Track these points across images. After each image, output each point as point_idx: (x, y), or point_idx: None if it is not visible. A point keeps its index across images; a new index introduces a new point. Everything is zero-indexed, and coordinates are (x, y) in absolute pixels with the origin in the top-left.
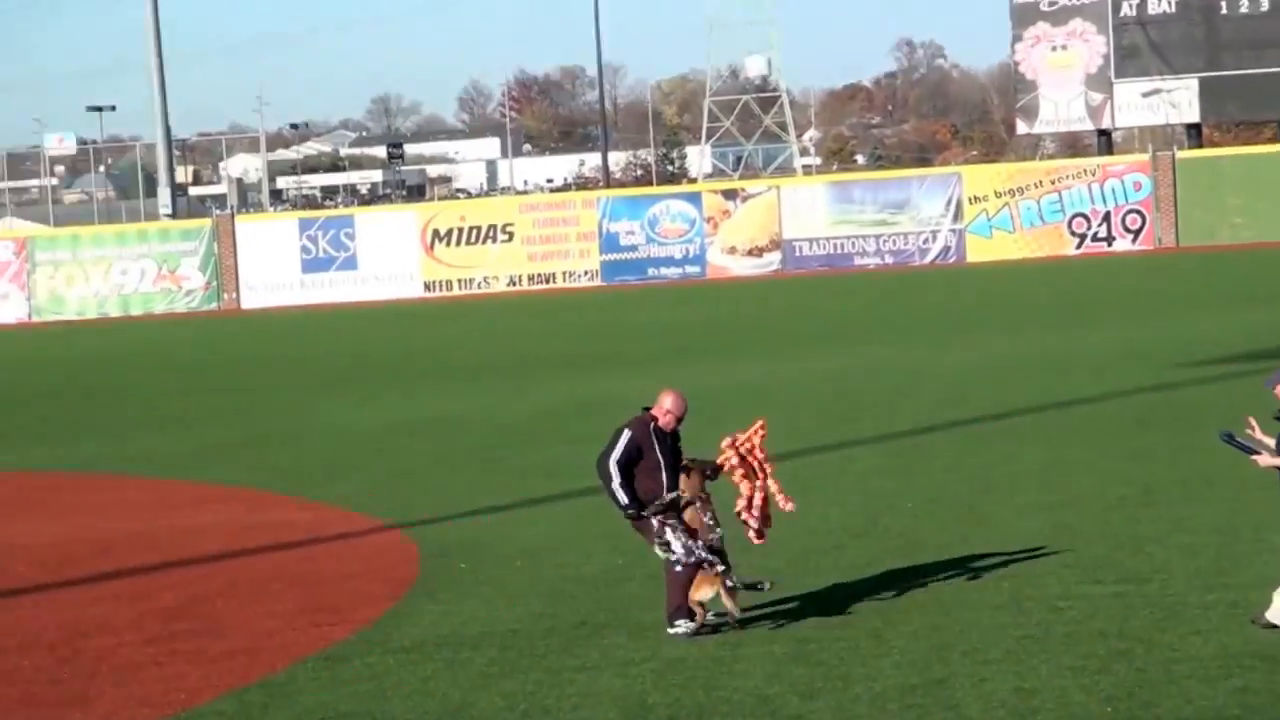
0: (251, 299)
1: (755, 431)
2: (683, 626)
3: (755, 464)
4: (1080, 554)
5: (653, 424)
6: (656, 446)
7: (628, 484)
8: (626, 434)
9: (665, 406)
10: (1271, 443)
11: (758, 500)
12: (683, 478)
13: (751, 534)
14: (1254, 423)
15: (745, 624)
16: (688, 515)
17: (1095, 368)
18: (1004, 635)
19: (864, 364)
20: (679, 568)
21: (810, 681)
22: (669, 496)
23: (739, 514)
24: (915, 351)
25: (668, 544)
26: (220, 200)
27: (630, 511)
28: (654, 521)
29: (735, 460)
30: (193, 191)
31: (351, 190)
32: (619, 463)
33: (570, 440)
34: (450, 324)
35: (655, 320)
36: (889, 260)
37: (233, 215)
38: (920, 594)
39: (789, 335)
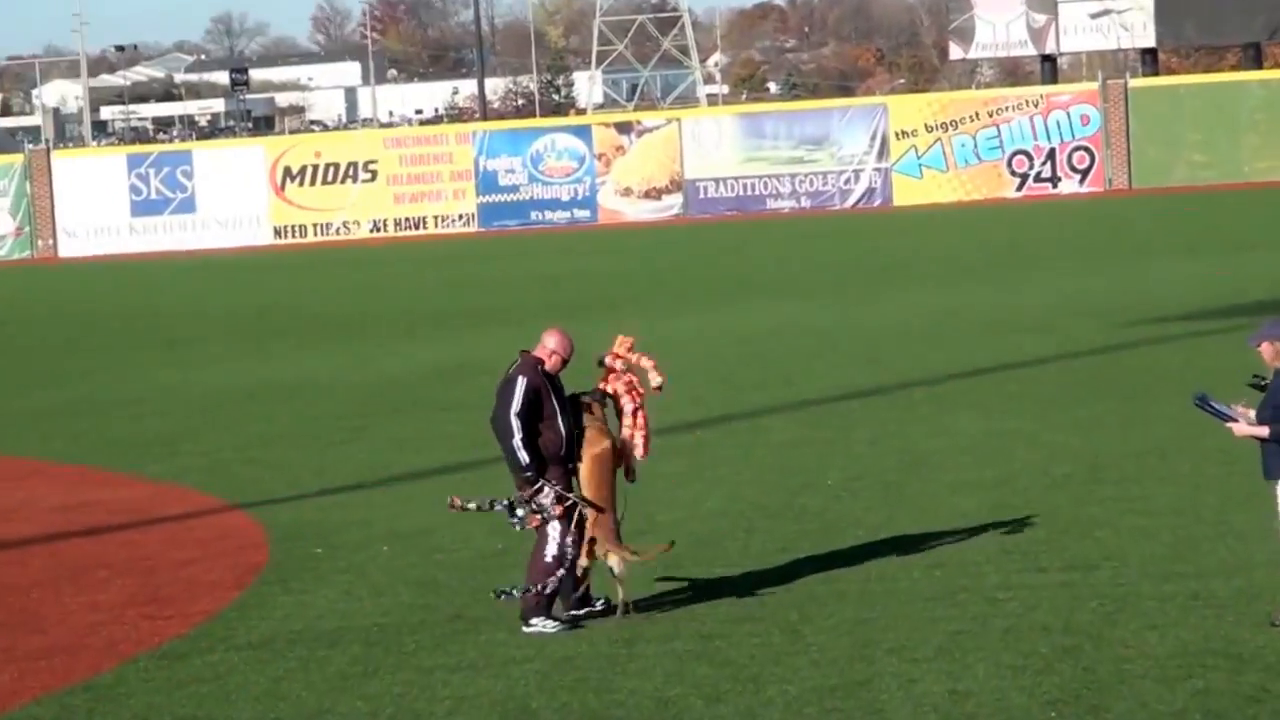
0: (71, 247)
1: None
2: (538, 625)
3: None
4: (1021, 538)
5: (540, 367)
6: (550, 392)
7: (530, 441)
8: (522, 381)
9: (550, 347)
10: (1250, 411)
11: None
12: (586, 416)
13: (639, 450)
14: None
15: (628, 610)
16: (592, 519)
17: (1037, 326)
18: (935, 630)
19: (777, 322)
20: (548, 556)
21: (716, 683)
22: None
23: (629, 432)
24: (835, 308)
25: (545, 513)
26: (34, 133)
27: (529, 475)
28: (548, 492)
29: (622, 387)
30: (1, 123)
31: (189, 122)
32: (520, 415)
33: (443, 407)
34: (305, 275)
35: (539, 271)
36: (805, 203)
37: (48, 150)
38: (841, 583)
39: (692, 289)
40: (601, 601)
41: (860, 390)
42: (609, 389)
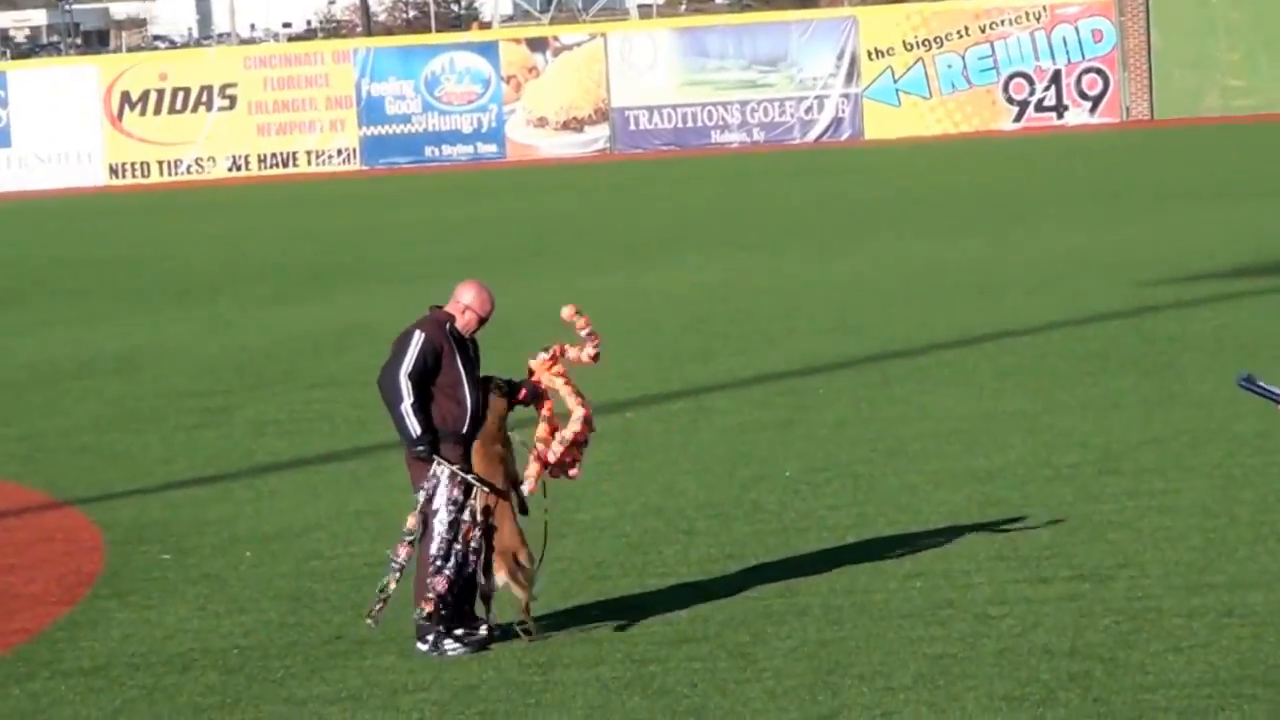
0: None
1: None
2: (439, 645)
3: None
4: (1019, 542)
5: (449, 325)
6: (457, 355)
7: (421, 406)
8: (418, 337)
9: (464, 302)
10: None
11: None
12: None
13: (576, 469)
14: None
15: (537, 631)
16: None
17: (1039, 285)
18: (915, 653)
19: (724, 279)
20: (433, 552)
21: (650, 717)
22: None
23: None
24: (795, 262)
25: (431, 502)
26: None
27: (421, 450)
28: (441, 469)
29: (560, 384)
30: None
31: (2, 38)
32: (410, 376)
33: (318, 383)
34: (147, 224)
35: (435, 219)
36: (759, 137)
37: None
38: (802, 597)
39: (621, 240)
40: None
41: (825, 363)
42: (540, 383)
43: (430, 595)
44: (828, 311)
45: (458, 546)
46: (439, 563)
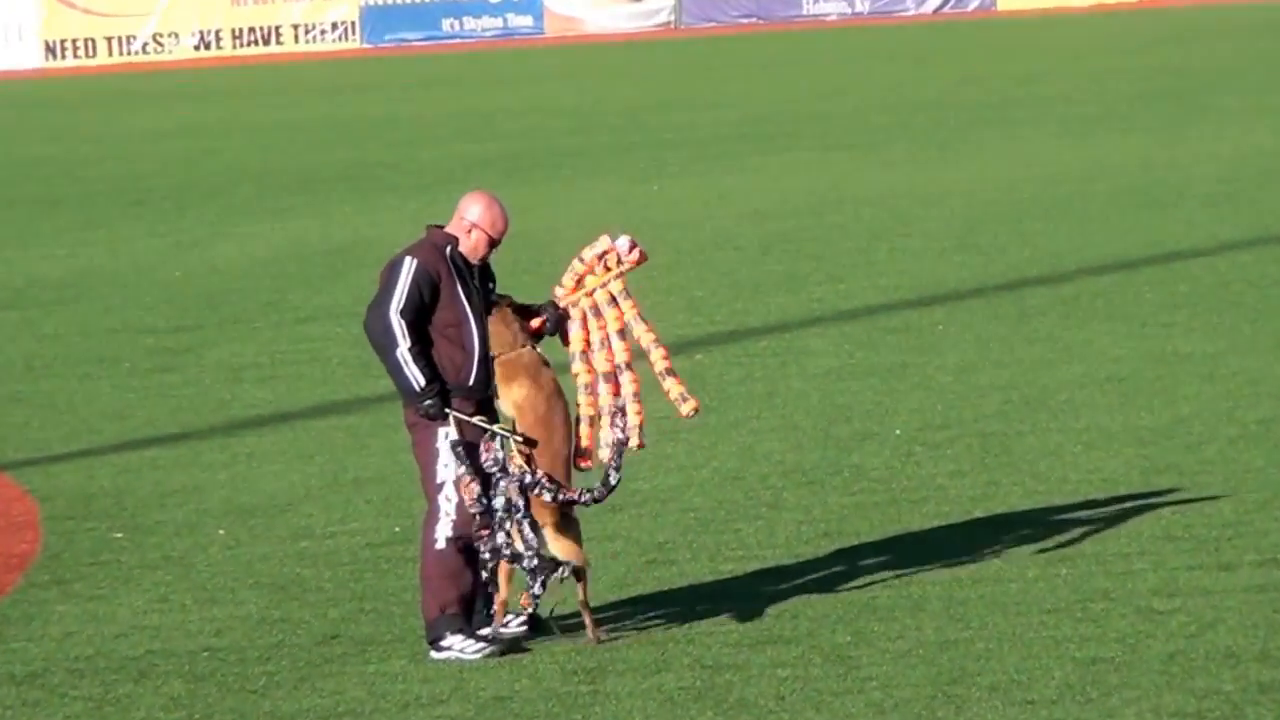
0: None
1: (616, 258)
2: (457, 646)
3: (618, 321)
4: (1193, 518)
5: (450, 249)
6: (459, 286)
7: (420, 350)
8: (410, 265)
9: (469, 219)
10: None
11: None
12: (491, 323)
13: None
14: None
15: (592, 631)
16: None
17: (1218, 195)
18: (1060, 658)
19: (818, 188)
20: (441, 541)
21: None
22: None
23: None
24: (906, 167)
25: (442, 481)
26: None
27: (429, 405)
28: (447, 430)
29: (588, 306)
30: None
31: None
32: (403, 314)
33: (308, 316)
34: (93, 117)
35: (455, 112)
36: (862, 7)
37: None
38: (916, 586)
39: (688, 139)
40: (519, 619)
41: (945, 291)
42: (566, 307)
43: (443, 593)
44: (948, 227)
45: (491, 531)
46: (444, 551)
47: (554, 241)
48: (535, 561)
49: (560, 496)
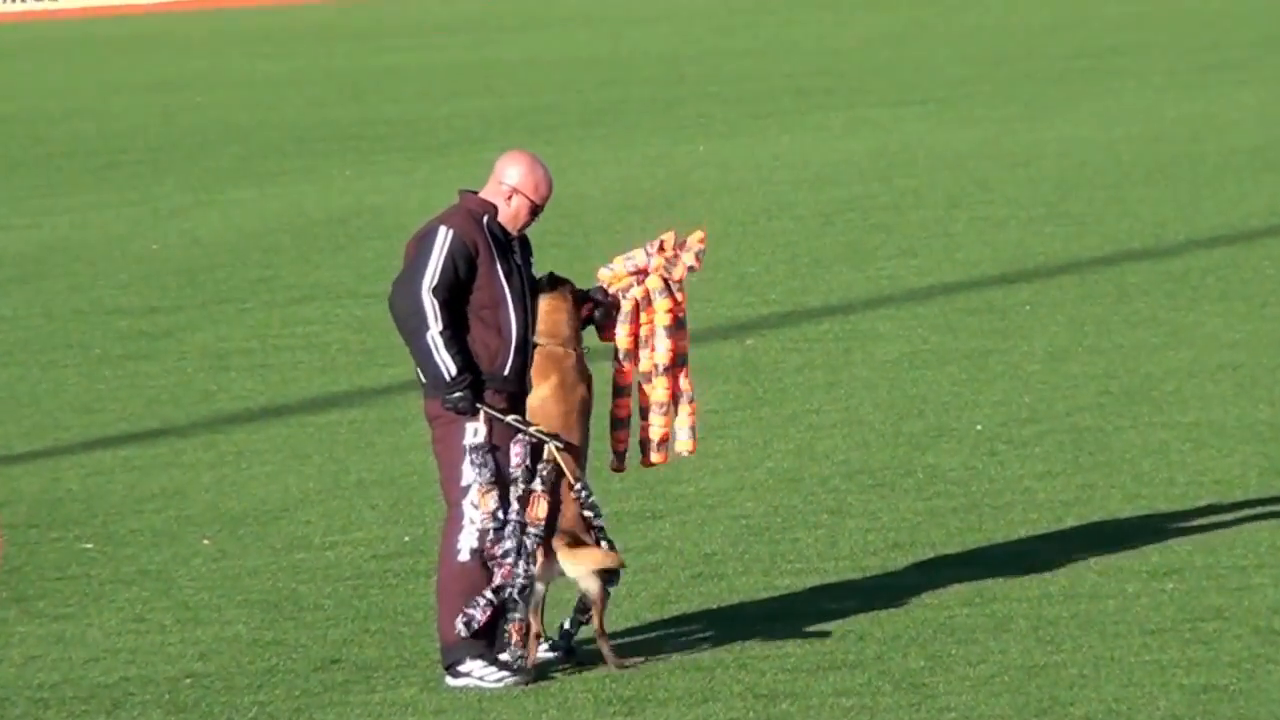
0: None
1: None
2: (477, 673)
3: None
4: None
5: (488, 219)
6: (498, 262)
7: (454, 335)
8: (444, 236)
9: (509, 183)
10: None
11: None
12: (544, 304)
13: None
14: None
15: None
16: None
17: None
18: (1166, 685)
19: (887, 148)
20: (465, 552)
21: None
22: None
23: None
24: (987, 124)
25: (468, 484)
26: None
27: (459, 397)
28: (476, 427)
29: (639, 295)
30: None
31: None
32: (436, 292)
33: (304, 295)
34: (54, 70)
35: (470, 63)
36: None
37: None
38: (999, 603)
39: (739, 92)
40: (545, 645)
41: (1033, 267)
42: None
43: (477, 605)
44: (1036, 194)
45: (510, 544)
46: (467, 565)
47: (584, 210)
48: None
49: (600, 518)
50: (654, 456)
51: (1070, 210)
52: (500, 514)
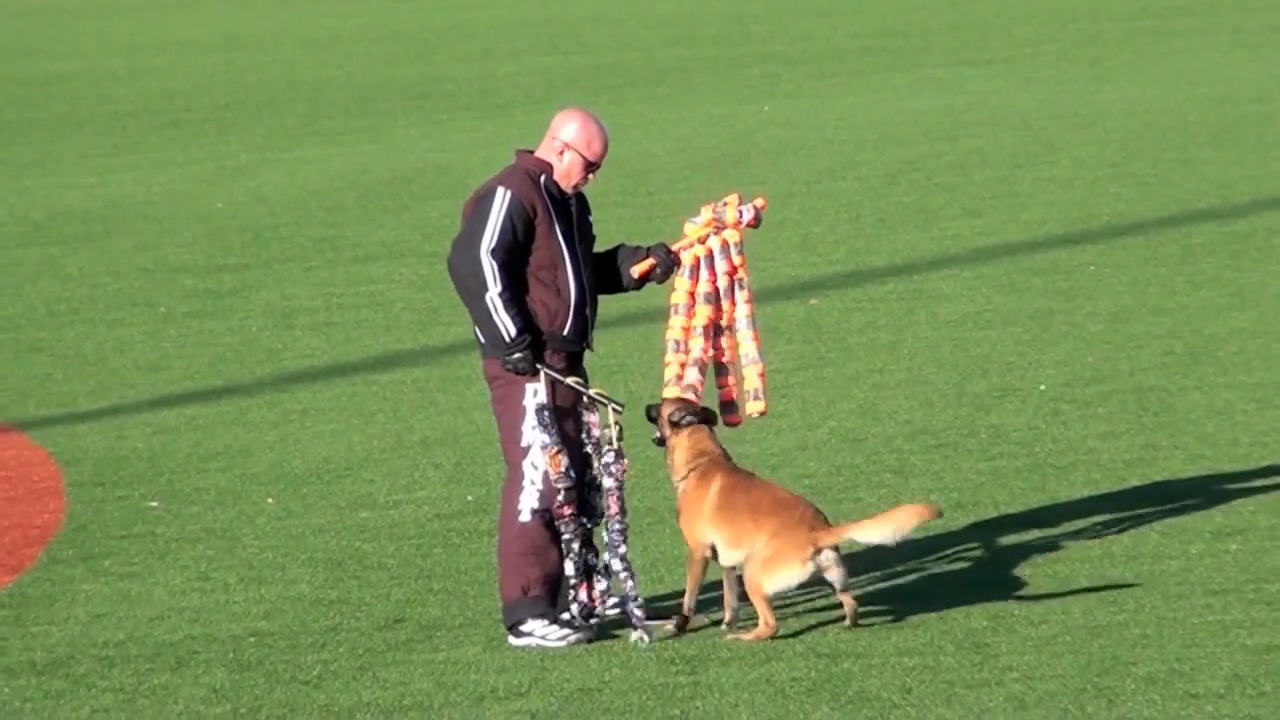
0: None
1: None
2: (539, 632)
3: (729, 278)
4: None
5: (545, 178)
6: (556, 222)
7: (513, 295)
8: (503, 197)
9: (564, 139)
10: None
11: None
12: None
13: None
14: None
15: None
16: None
17: None
18: (1230, 645)
19: (952, 107)
20: (526, 513)
21: None
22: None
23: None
24: (1052, 84)
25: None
26: None
27: (519, 358)
28: (536, 388)
29: (702, 253)
30: None
31: None
32: (494, 253)
33: (368, 254)
34: (119, 28)
35: (534, 20)
36: None
37: None
38: (1062, 564)
39: (802, 51)
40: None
41: (1098, 227)
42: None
43: (526, 571)
44: (1102, 154)
45: (562, 504)
46: (528, 526)
47: (649, 169)
48: (622, 572)
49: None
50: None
51: (1135, 171)
52: (572, 474)
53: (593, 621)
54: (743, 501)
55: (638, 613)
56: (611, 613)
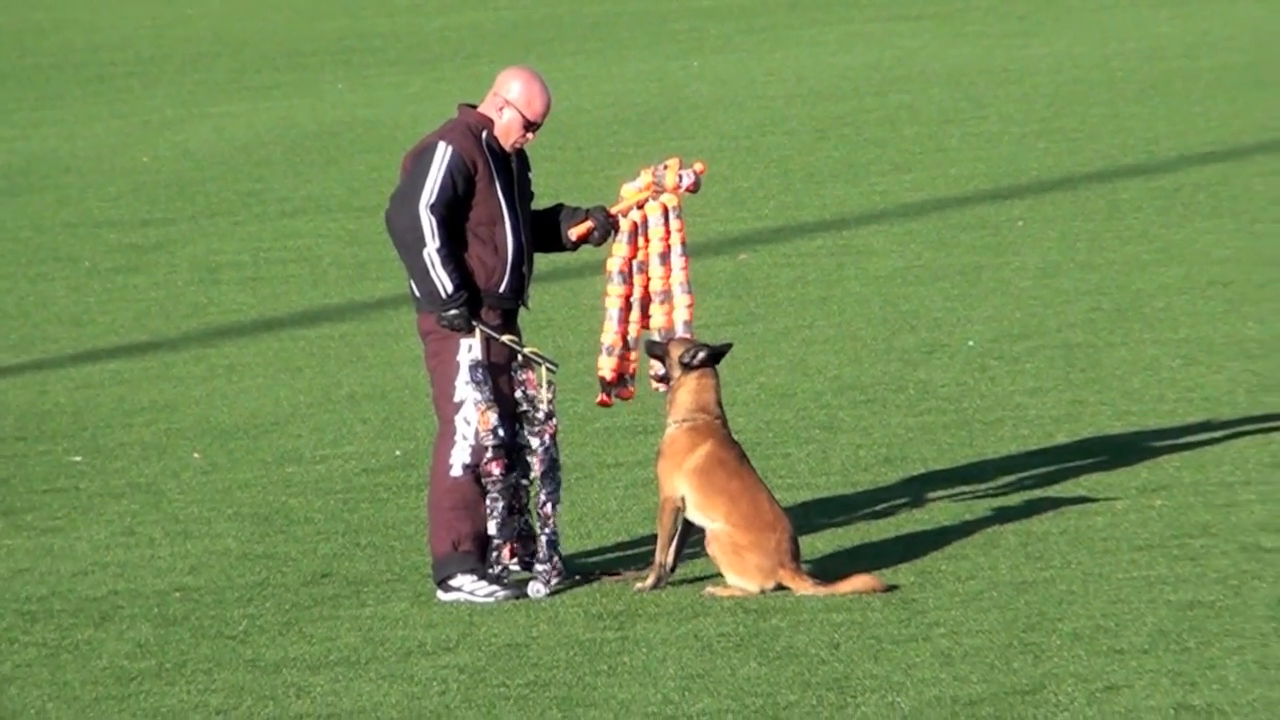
0: None
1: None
2: (468, 587)
3: (662, 243)
4: None
5: (486, 134)
6: (496, 178)
7: (451, 251)
8: (443, 153)
9: (506, 97)
10: None
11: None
12: (694, 382)
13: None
14: None
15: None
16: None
17: None
18: (1154, 602)
19: (880, 61)
20: (457, 467)
21: (771, 690)
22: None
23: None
24: (981, 39)
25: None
26: None
27: (454, 315)
28: (471, 343)
29: (639, 218)
30: None
31: None
32: (434, 209)
33: (296, 208)
34: None
35: None
36: None
37: None
38: (990, 521)
39: (731, 7)
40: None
41: (1026, 182)
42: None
43: (456, 526)
44: (1029, 110)
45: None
46: (459, 480)
47: (578, 125)
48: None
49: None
50: (629, 389)
51: (1063, 126)
52: (500, 432)
53: (519, 579)
54: (723, 483)
55: (542, 567)
56: (541, 569)
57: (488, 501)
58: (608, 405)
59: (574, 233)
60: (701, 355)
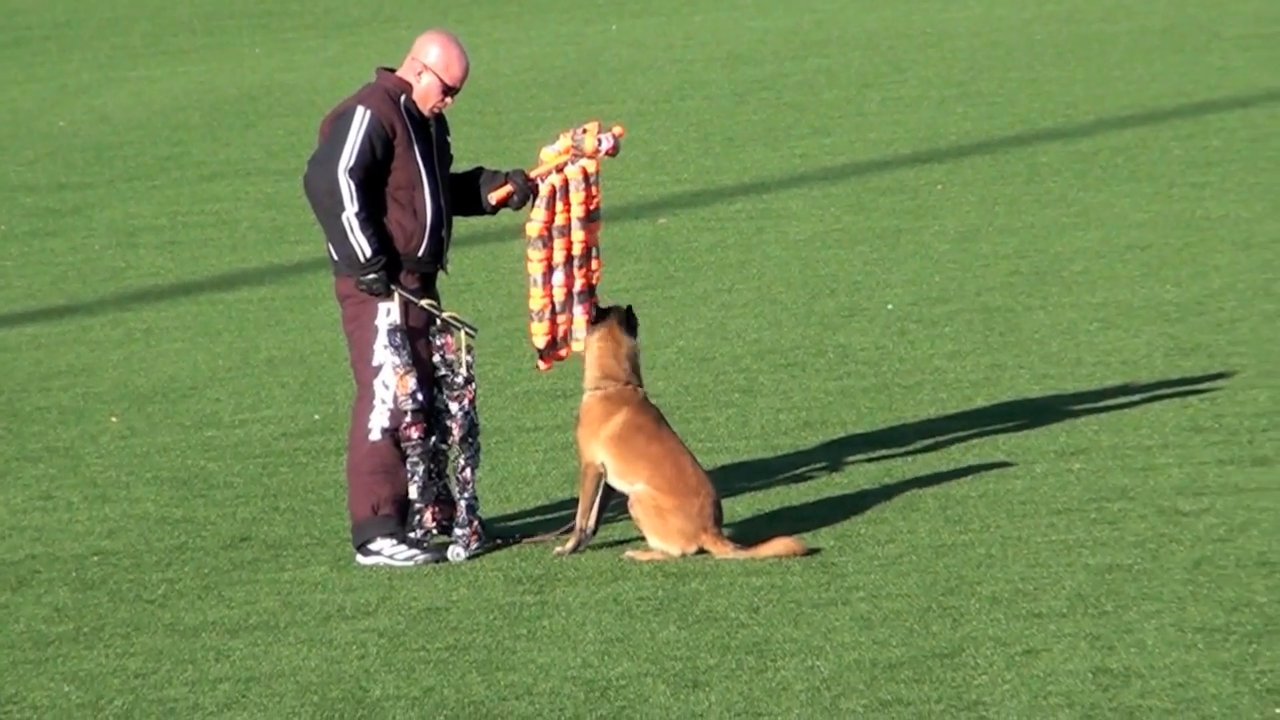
0: None
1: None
2: (387, 551)
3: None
4: (1224, 406)
5: (404, 98)
6: (415, 142)
7: (369, 215)
8: (362, 116)
9: (425, 62)
10: None
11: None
12: (598, 345)
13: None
14: None
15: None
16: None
17: (1258, 39)
18: (1072, 565)
19: (799, 26)
20: (376, 431)
21: (690, 654)
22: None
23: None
24: (901, 3)
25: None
26: None
27: (372, 279)
28: (389, 307)
29: (558, 182)
30: None
31: None
32: (352, 173)
33: (214, 172)
34: None
35: None
36: None
37: None
38: (904, 485)
39: None
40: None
41: (945, 146)
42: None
43: (376, 489)
44: (948, 74)
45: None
46: (379, 444)
47: (496, 88)
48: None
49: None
50: (562, 351)
51: (982, 90)
52: (419, 396)
53: (439, 543)
54: (643, 448)
55: (462, 531)
56: (460, 533)
57: (407, 465)
58: (548, 369)
59: (493, 196)
60: (599, 320)
